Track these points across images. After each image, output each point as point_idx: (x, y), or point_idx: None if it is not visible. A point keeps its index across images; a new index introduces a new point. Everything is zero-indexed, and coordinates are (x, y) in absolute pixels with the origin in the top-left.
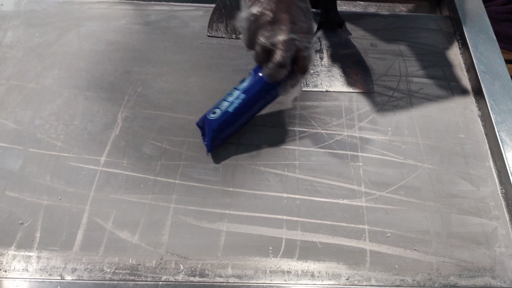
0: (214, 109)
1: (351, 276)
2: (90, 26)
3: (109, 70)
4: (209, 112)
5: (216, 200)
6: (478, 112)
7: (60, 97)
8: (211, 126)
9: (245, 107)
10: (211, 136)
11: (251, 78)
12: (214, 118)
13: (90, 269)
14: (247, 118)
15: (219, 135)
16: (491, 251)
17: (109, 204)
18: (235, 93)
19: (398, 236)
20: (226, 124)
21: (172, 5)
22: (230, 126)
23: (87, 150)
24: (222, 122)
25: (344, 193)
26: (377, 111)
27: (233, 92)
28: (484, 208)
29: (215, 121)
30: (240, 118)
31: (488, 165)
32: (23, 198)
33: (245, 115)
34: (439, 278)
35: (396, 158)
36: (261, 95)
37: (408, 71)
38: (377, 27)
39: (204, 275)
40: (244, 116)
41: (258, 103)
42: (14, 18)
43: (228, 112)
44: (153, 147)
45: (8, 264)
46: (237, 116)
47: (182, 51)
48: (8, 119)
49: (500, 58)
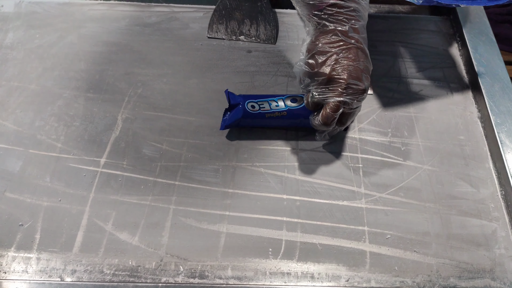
0: (255, 102)
1: (351, 278)
2: (91, 28)
3: (109, 72)
4: (249, 99)
5: (216, 201)
6: (477, 114)
7: (60, 99)
8: (240, 114)
9: (279, 121)
10: (233, 122)
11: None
12: (250, 111)
13: (90, 270)
14: (273, 126)
15: (240, 123)
16: (491, 252)
17: (109, 206)
18: (281, 103)
19: (398, 238)
20: (253, 122)
21: (172, 7)
22: (255, 124)
23: (87, 152)
24: (252, 119)
25: (344, 194)
26: (377, 113)
27: (280, 101)
28: (484, 210)
29: (248, 114)
30: (267, 124)
31: (487, 166)
32: (23, 200)
33: (273, 124)
34: (439, 280)
35: (396, 159)
36: (300, 120)
37: (408, 73)
38: (377, 29)
39: (204, 277)
40: (271, 124)
41: (290, 123)
42: (14, 20)
43: (262, 114)
44: (153, 148)
45: (7, 265)
46: (267, 122)
47: (182, 52)
48: (8, 120)
49: (499, 60)
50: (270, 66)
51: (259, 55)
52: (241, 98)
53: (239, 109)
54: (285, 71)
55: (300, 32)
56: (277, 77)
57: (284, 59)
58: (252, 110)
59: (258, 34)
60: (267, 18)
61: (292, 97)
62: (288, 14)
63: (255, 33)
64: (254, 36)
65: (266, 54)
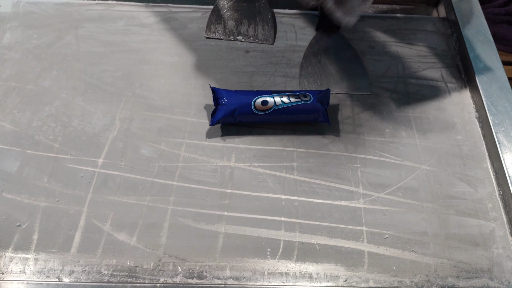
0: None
1: (349, 278)
2: (88, 28)
3: (107, 72)
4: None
5: (214, 201)
6: (475, 114)
7: (58, 99)
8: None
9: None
10: (221, 118)
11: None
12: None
13: (88, 271)
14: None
15: (228, 120)
16: (489, 252)
17: (107, 206)
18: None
19: (396, 238)
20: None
21: (170, 7)
22: (246, 120)
23: (85, 152)
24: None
25: (342, 194)
26: (375, 113)
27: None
28: (482, 210)
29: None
30: (258, 119)
31: (485, 166)
32: (21, 200)
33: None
34: (437, 280)
35: (394, 159)
36: (295, 116)
37: (406, 73)
38: (375, 29)
39: (202, 277)
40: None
41: (286, 118)
42: (12, 20)
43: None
44: (151, 148)
45: (5, 266)
46: (258, 117)
47: (180, 52)
48: (6, 121)
49: (497, 60)
50: (268, 66)
51: (257, 55)
52: (226, 93)
53: (222, 107)
54: (283, 71)
55: (298, 32)
56: (275, 77)
57: (282, 59)
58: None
59: (256, 34)
60: (265, 18)
61: (288, 94)
62: (286, 14)
63: (253, 33)
64: (252, 36)
65: (264, 54)
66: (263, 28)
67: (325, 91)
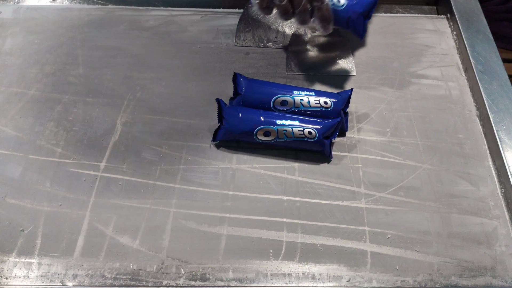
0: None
1: (352, 278)
2: (89, 32)
3: (108, 76)
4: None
5: (216, 203)
6: (476, 112)
7: (59, 104)
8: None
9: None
10: (223, 135)
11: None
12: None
13: (91, 275)
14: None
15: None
16: (492, 250)
17: (109, 210)
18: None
19: (399, 237)
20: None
21: (170, 10)
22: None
23: (87, 156)
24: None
25: (344, 194)
26: (376, 112)
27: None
28: (484, 208)
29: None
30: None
31: (487, 164)
32: (24, 205)
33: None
34: (440, 279)
35: (395, 159)
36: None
37: (406, 72)
38: (375, 28)
39: (205, 279)
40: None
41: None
42: (13, 26)
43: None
44: (153, 151)
45: (9, 271)
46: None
47: (181, 55)
48: (8, 126)
49: (497, 58)
50: (269, 67)
51: (257, 57)
52: (228, 114)
53: (223, 128)
54: (283, 73)
55: None
56: (276, 79)
57: (282, 60)
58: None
59: (284, 40)
60: (292, 24)
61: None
62: None
63: (282, 39)
64: (281, 42)
65: (264, 56)
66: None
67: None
